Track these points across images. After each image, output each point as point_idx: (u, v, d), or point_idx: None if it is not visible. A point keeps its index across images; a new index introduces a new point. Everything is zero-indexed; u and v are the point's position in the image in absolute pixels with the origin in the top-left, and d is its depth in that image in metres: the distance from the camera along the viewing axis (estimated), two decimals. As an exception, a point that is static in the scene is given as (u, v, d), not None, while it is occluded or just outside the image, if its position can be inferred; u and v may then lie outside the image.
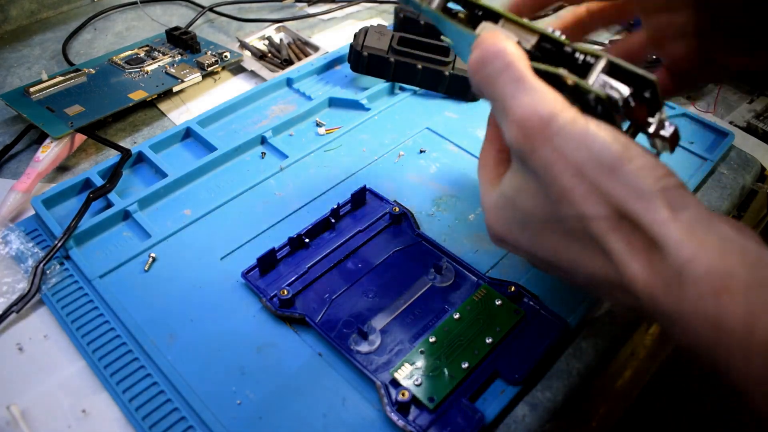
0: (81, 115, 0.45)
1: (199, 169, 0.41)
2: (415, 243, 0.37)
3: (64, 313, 0.33)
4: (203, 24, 0.61)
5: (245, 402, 0.29)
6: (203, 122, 0.45)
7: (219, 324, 0.33)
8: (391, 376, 0.30)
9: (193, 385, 0.30)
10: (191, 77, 0.50)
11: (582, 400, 0.32)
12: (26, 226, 0.38)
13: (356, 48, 0.47)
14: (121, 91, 0.48)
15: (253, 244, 0.37)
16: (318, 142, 0.44)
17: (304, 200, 0.40)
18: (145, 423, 0.28)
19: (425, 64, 0.47)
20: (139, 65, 0.51)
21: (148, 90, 0.48)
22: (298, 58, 0.55)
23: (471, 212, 0.39)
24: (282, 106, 0.48)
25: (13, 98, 0.47)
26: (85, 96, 0.47)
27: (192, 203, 0.40)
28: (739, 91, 0.53)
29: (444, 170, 0.42)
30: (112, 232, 0.38)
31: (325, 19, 0.62)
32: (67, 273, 0.35)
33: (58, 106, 0.46)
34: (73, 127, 0.44)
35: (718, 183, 0.43)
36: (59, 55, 0.55)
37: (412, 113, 0.47)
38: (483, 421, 0.28)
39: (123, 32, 0.59)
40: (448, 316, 0.32)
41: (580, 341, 0.33)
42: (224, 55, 0.52)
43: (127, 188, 0.41)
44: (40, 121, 0.44)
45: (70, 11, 0.63)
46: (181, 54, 0.53)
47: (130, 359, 0.31)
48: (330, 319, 0.32)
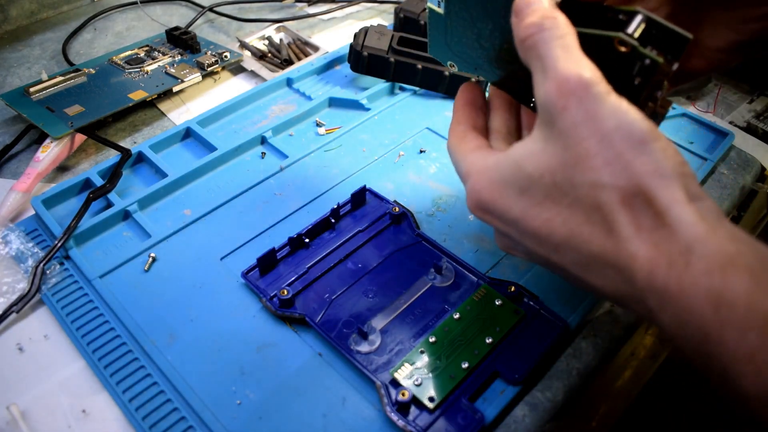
0: (81, 115, 0.45)
1: (199, 169, 0.41)
2: (415, 243, 0.37)
3: (64, 313, 0.33)
4: (203, 24, 0.61)
5: (245, 402, 0.29)
6: (203, 122, 0.45)
7: (219, 324, 0.33)
8: (391, 376, 0.30)
9: (193, 385, 0.30)
10: (191, 77, 0.50)
11: (582, 400, 0.32)
12: (26, 226, 0.38)
13: (356, 48, 0.47)
14: (121, 91, 0.48)
15: (253, 244, 0.37)
16: (318, 142, 0.44)
17: (304, 200, 0.40)
18: (145, 423, 0.28)
19: (425, 64, 0.47)
20: (139, 65, 0.51)
21: (148, 90, 0.48)
22: (298, 58, 0.55)
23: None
24: (282, 106, 0.48)
25: (13, 98, 0.47)
26: (85, 96, 0.47)
27: (192, 203, 0.40)
28: (739, 91, 0.53)
29: (444, 170, 0.42)
30: (112, 232, 0.38)
31: (325, 19, 0.62)
32: (67, 273, 0.35)
33: (58, 106, 0.46)
34: (73, 127, 0.44)
35: (718, 183, 0.43)
36: (59, 55, 0.55)
37: (412, 113, 0.47)
38: (483, 421, 0.28)
39: (123, 32, 0.59)
40: (448, 316, 0.32)
41: (580, 341, 0.33)
42: (224, 55, 0.52)
43: (127, 188, 0.41)
44: (40, 121, 0.44)
45: (70, 11, 0.63)
46: (181, 54, 0.53)
47: (130, 359, 0.31)
48: (330, 319, 0.32)
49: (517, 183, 0.25)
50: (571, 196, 0.23)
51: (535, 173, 0.24)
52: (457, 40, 0.30)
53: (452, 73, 0.47)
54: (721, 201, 0.42)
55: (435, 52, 0.33)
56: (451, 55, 0.32)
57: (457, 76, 0.47)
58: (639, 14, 0.23)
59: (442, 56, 0.32)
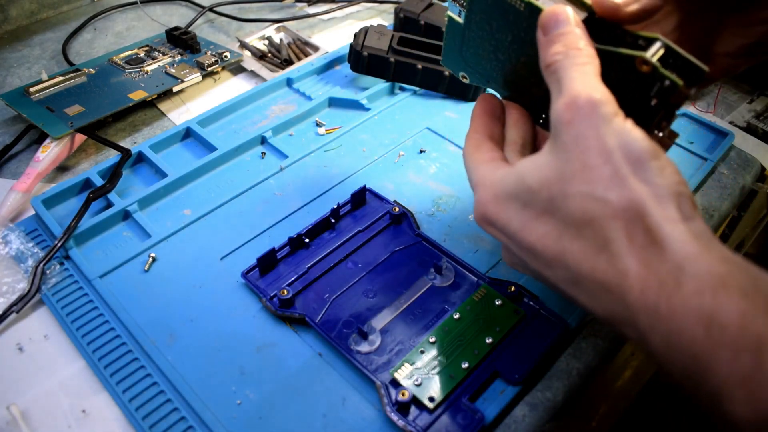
0: (81, 115, 0.45)
1: (199, 169, 0.41)
2: (415, 243, 0.37)
3: (64, 313, 0.33)
4: (203, 24, 0.61)
5: (245, 402, 0.29)
6: (203, 122, 0.45)
7: (219, 324, 0.33)
8: (391, 376, 0.30)
9: (193, 385, 0.30)
10: (191, 77, 0.50)
11: (582, 400, 0.32)
12: (26, 226, 0.38)
13: (356, 48, 0.47)
14: (121, 91, 0.48)
15: (253, 244, 0.37)
16: (318, 142, 0.44)
17: (304, 200, 0.40)
18: (145, 423, 0.28)
19: (425, 64, 0.47)
20: (139, 65, 0.51)
21: (148, 90, 0.48)
22: (298, 58, 0.55)
23: (471, 212, 0.39)
24: (282, 106, 0.48)
25: (13, 98, 0.47)
26: (85, 96, 0.47)
27: (192, 203, 0.40)
28: (739, 91, 0.53)
29: (444, 170, 0.42)
30: (112, 232, 0.38)
31: (325, 19, 0.62)
32: (67, 273, 0.35)
33: (58, 106, 0.46)
34: (73, 127, 0.44)
35: (718, 183, 0.43)
36: (59, 55, 0.55)
37: (412, 113, 0.47)
38: (483, 421, 0.28)
39: (123, 32, 0.59)
40: (448, 316, 0.32)
41: (580, 341, 0.33)
42: (224, 55, 0.52)
43: (127, 188, 0.41)
44: (40, 121, 0.44)
45: (70, 11, 0.63)
46: (181, 54, 0.53)
47: (130, 359, 0.31)
48: (330, 318, 0.32)
49: (519, 197, 0.25)
50: (564, 209, 0.23)
51: (535, 186, 0.24)
52: (473, 51, 0.30)
53: (452, 74, 0.47)
54: (721, 201, 0.42)
55: (448, 62, 0.33)
56: (464, 66, 0.32)
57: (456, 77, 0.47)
58: (658, 41, 0.24)
59: (455, 67, 0.32)
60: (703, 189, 0.43)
